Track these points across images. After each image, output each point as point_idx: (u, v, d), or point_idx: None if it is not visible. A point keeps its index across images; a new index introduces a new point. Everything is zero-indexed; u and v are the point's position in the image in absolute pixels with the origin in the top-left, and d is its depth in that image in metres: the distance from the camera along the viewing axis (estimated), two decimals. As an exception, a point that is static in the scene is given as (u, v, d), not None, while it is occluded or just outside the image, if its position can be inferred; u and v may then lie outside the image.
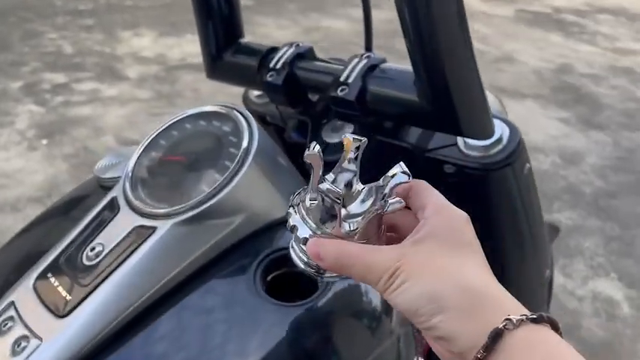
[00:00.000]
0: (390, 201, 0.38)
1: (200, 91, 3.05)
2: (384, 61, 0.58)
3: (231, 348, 0.45)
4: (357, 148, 0.39)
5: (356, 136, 0.39)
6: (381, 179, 0.38)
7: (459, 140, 0.60)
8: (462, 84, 0.49)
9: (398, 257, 0.36)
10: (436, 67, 0.48)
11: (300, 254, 0.40)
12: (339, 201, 0.37)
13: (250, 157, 0.50)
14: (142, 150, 0.55)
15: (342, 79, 0.57)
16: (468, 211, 0.65)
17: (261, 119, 0.75)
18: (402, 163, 0.38)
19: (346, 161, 0.39)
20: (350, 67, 0.58)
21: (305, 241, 0.38)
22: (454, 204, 0.65)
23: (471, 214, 0.65)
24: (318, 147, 0.37)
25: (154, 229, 0.48)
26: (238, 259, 0.50)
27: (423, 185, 0.41)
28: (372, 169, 0.67)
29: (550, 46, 4.21)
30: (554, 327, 0.34)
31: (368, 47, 0.69)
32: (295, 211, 0.39)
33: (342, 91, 0.57)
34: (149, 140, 0.56)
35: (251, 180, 0.50)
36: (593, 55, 4.13)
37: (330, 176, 0.39)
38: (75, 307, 0.46)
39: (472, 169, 0.59)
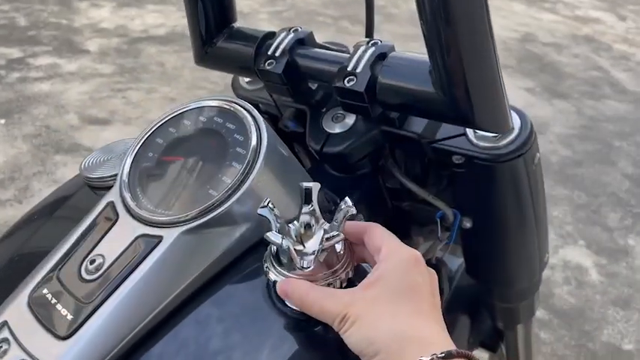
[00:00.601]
0: (326, 236, 0.43)
1: (166, 65, 2.95)
2: (392, 48, 0.55)
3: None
4: (310, 192, 0.44)
5: (307, 184, 0.44)
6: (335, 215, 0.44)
7: (469, 130, 0.58)
8: (481, 73, 0.47)
9: (348, 303, 0.41)
10: (455, 54, 0.45)
11: None
12: (283, 249, 0.43)
13: (261, 158, 0.46)
14: (136, 149, 0.51)
15: (349, 68, 0.54)
16: (475, 201, 0.64)
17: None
18: (346, 198, 0.44)
19: (304, 205, 0.44)
20: (357, 55, 0.54)
21: (274, 283, 0.44)
22: (461, 194, 0.64)
23: (478, 204, 0.64)
24: (271, 202, 0.43)
25: (159, 238, 0.45)
26: (251, 267, 0.47)
27: (377, 229, 0.46)
28: (380, 159, 0.65)
29: (513, 14, 4.23)
30: (469, 358, 0.39)
31: (369, 33, 0.65)
32: (266, 258, 0.45)
33: (349, 81, 0.54)
34: (144, 138, 0.52)
35: (262, 182, 0.47)
36: (555, 23, 4.18)
37: (294, 223, 0.44)
38: (78, 328, 0.42)
39: (482, 160, 0.57)
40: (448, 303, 0.89)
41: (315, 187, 0.44)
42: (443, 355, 0.37)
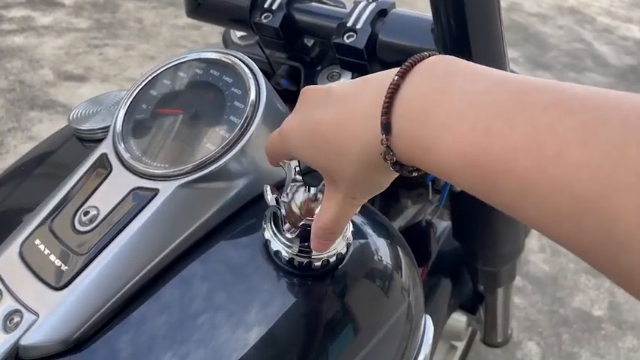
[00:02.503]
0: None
1: (144, 22, 2.86)
2: (393, 5, 0.54)
3: (244, 316, 0.43)
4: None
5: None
6: None
7: None
8: (485, 32, 0.46)
9: None
10: (460, 11, 0.44)
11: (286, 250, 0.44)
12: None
13: (260, 113, 0.46)
14: (130, 100, 0.50)
15: (349, 24, 0.53)
16: None
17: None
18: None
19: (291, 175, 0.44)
20: (357, 11, 0.53)
21: (276, 253, 0.43)
22: None
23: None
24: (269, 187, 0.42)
25: (155, 191, 0.44)
26: (246, 223, 0.47)
27: None
28: None
29: (500, -17, 4.20)
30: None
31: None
32: (267, 227, 0.44)
33: (349, 37, 0.53)
34: (138, 89, 0.50)
35: (261, 137, 0.46)
36: (541, -7, 4.17)
37: (285, 194, 0.43)
38: (73, 278, 0.41)
39: None
40: (432, 266, 0.91)
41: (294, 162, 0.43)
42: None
